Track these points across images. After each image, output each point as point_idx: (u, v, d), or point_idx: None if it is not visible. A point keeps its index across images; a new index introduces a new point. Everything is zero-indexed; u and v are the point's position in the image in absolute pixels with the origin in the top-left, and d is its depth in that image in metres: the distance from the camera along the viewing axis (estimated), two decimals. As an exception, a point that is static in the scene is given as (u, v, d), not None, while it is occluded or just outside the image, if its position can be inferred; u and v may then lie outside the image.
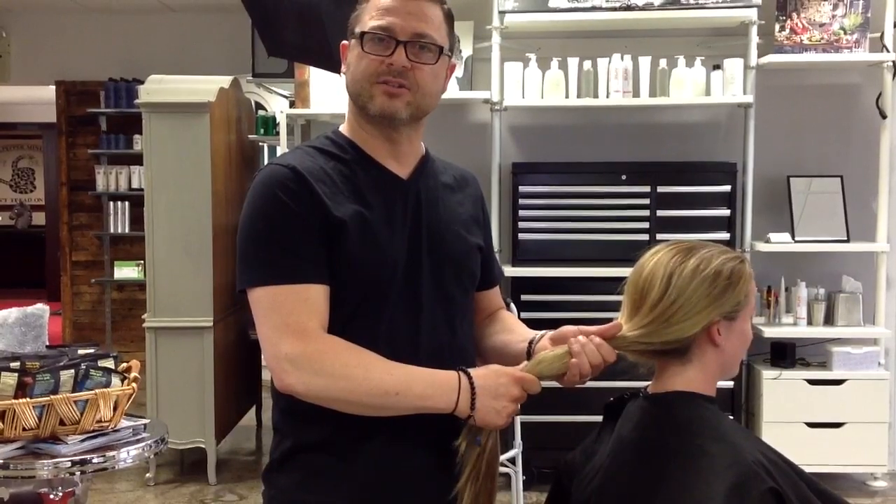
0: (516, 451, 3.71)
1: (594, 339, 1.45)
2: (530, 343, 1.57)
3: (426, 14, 1.51)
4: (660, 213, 4.30)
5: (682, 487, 1.34)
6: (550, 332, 1.55)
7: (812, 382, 4.29)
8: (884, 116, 4.38)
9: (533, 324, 1.67)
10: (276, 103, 6.50)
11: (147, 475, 4.54)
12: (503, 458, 3.83)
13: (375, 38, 1.49)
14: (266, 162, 1.60)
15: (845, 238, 4.38)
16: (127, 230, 7.14)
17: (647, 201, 4.31)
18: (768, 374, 4.29)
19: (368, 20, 1.50)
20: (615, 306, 1.53)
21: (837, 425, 4.27)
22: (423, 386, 1.42)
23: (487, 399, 1.42)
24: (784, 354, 4.36)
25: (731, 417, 1.76)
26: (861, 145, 4.59)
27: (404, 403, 1.41)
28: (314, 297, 1.44)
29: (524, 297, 4.22)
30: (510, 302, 3.93)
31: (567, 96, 4.36)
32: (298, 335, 1.41)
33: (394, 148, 1.56)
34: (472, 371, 1.45)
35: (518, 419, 3.92)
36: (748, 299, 1.47)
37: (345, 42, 1.57)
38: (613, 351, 1.46)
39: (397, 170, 1.56)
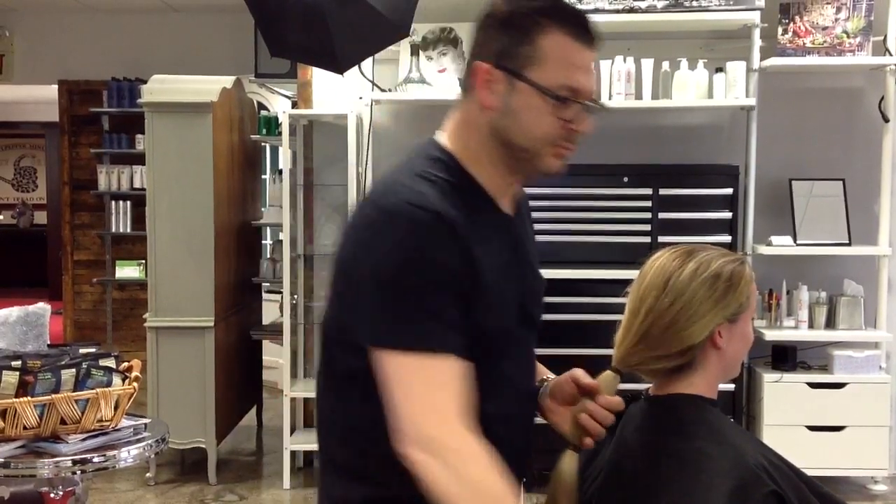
0: (517, 452, 3.70)
1: (601, 399, 1.40)
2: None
3: (593, 66, 1.43)
4: (661, 215, 4.30)
5: (683, 490, 1.34)
6: (552, 385, 1.50)
7: (813, 386, 4.29)
8: (886, 120, 4.38)
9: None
10: (279, 103, 6.50)
11: (147, 475, 4.54)
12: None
13: (571, 104, 1.37)
14: (392, 195, 1.40)
15: (847, 241, 4.38)
16: (129, 230, 7.14)
17: (648, 204, 4.31)
18: (769, 377, 4.28)
19: (562, 76, 1.35)
20: (616, 308, 1.52)
21: (838, 429, 4.26)
22: None
23: None
24: (785, 357, 4.36)
25: (732, 420, 1.76)
26: (863, 149, 4.59)
27: None
28: (457, 373, 1.27)
29: (525, 299, 4.21)
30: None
31: (569, 98, 4.36)
32: (440, 418, 1.26)
33: (510, 188, 1.44)
34: None
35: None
36: (749, 301, 1.47)
37: (485, 66, 1.40)
38: (620, 400, 1.42)
39: (503, 205, 1.43)
